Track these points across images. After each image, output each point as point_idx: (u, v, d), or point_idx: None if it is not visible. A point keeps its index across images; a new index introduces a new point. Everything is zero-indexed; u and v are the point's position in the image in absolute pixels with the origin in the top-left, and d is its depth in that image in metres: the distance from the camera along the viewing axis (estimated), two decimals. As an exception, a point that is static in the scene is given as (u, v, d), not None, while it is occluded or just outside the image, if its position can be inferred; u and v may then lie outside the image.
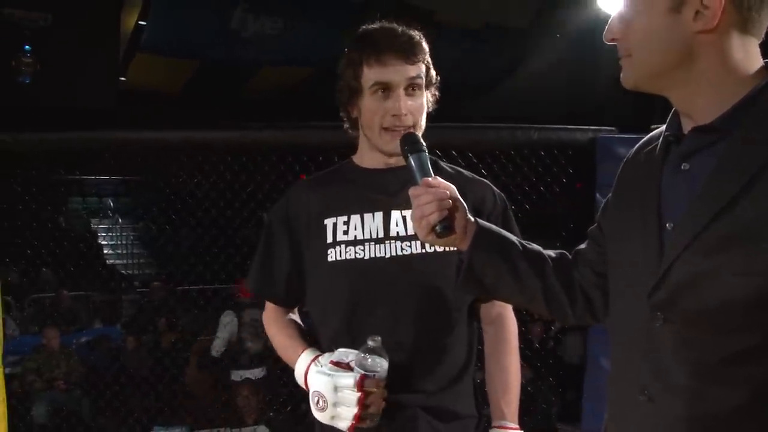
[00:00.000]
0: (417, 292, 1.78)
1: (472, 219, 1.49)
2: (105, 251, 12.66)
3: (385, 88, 1.76)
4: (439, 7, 8.81)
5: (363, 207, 1.83)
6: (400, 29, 1.80)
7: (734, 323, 1.13)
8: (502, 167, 3.92)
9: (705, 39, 1.17)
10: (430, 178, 1.48)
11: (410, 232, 1.79)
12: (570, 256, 1.54)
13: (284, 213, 1.90)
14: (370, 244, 1.80)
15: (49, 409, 6.44)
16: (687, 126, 1.25)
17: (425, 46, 1.81)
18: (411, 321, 1.76)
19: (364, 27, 1.84)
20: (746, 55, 1.19)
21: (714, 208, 1.14)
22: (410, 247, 1.79)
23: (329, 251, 1.82)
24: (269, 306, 1.98)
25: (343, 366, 1.67)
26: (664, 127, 1.32)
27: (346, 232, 1.81)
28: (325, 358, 1.73)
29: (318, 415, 1.69)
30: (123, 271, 12.13)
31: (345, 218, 1.83)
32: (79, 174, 11.78)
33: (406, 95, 1.77)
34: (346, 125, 1.91)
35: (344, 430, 1.66)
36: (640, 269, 1.25)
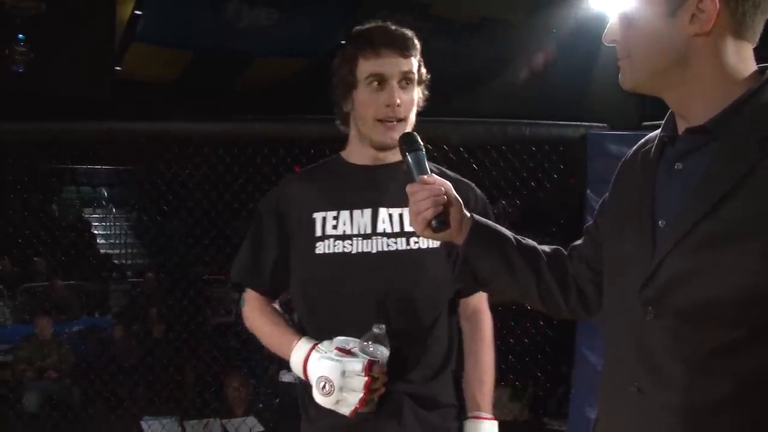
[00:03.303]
0: (401, 286, 1.83)
1: (468, 214, 1.52)
2: (98, 241, 12.63)
3: (381, 80, 1.81)
4: (435, 0, 8.82)
5: (352, 203, 1.88)
6: (393, 27, 1.86)
7: (722, 318, 1.16)
8: (494, 162, 3.93)
9: (700, 42, 1.20)
10: (426, 176, 1.51)
11: (396, 229, 1.86)
12: (564, 252, 1.57)
13: (274, 205, 1.95)
14: (357, 239, 1.85)
15: (39, 398, 6.45)
16: (682, 127, 1.28)
17: (417, 43, 1.87)
18: (395, 313, 1.81)
19: (358, 27, 1.90)
20: (740, 58, 1.22)
21: (705, 207, 1.17)
22: (396, 243, 1.84)
23: (317, 244, 1.86)
24: (251, 296, 2.00)
25: (346, 352, 1.72)
26: (661, 128, 1.34)
27: (335, 227, 1.87)
28: (327, 345, 1.78)
29: (322, 400, 1.74)
30: (116, 261, 12.10)
31: (334, 213, 1.88)
32: (71, 164, 11.73)
33: (399, 88, 1.82)
34: (337, 121, 1.95)
35: (346, 414, 1.71)
36: (632, 265, 1.28)
